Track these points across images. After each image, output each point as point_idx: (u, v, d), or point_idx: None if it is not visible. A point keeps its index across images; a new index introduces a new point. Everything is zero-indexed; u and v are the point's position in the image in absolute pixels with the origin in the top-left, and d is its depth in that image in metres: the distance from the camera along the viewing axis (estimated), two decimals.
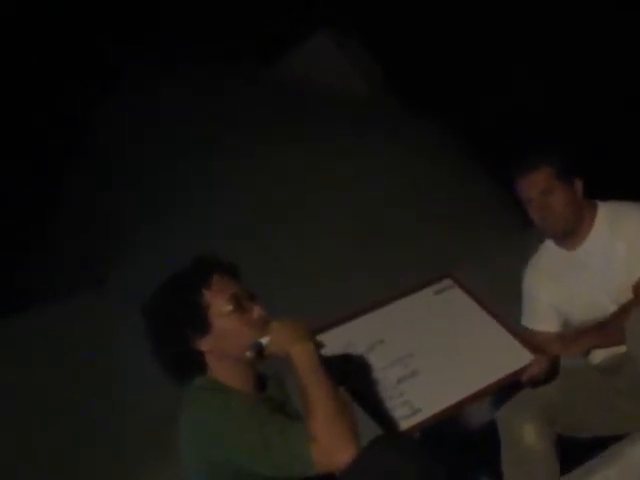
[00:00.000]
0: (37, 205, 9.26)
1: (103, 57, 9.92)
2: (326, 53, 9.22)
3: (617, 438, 3.13)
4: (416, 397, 2.68)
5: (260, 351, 2.36)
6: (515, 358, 2.96)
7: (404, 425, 2.59)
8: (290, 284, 6.68)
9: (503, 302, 3.30)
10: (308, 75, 9.02)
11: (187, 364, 2.43)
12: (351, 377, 2.68)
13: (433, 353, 2.85)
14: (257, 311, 2.43)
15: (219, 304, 2.40)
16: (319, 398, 2.22)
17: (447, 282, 3.15)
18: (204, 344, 2.41)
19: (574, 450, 3.14)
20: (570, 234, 3.29)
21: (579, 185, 3.29)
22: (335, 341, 2.74)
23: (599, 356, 3.31)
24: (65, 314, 7.23)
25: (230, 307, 2.40)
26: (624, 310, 3.12)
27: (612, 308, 3.21)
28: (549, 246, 3.41)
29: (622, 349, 3.16)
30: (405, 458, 2.14)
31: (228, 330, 2.40)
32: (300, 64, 9.18)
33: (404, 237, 7.22)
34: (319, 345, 2.45)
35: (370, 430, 2.45)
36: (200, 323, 2.40)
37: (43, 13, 9.91)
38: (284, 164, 7.82)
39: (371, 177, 7.79)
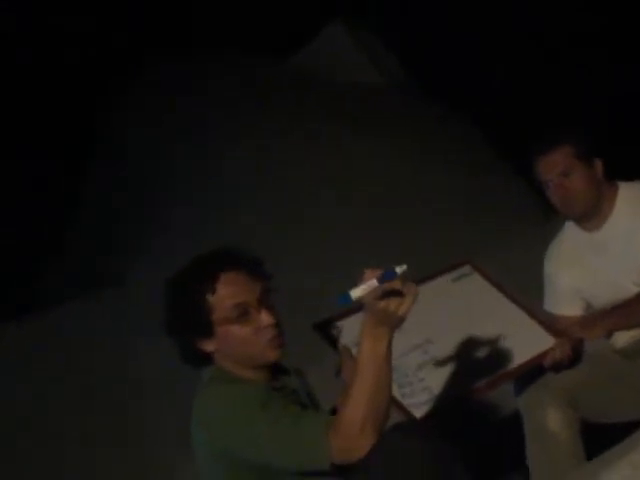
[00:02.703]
0: (53, 205, 9.28)
1: (111, 53, 9.95)
2: (341, 44, 9.19)
3: None
4: (436, 383, 2.64)
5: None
6: (537, 342, 2.92)
7: (423, 411, 2.55)
8: (301, 272, 6.66)
9: (523, 290, 3.26)
10: (323, 66, 9.00)
11: (195, 359, 2.41)
12: None
13: (453, 339, 2.81)
14: (265, 319, 2.33)
15: (223, 310, 2.33)
16: (364, 383, 2.09)
17: (466, 269, 3.11)
18: (208, 346, 2.36)
19: (599, 435, 3.09)
20: (591, 215, 3.24)
21: (599, 165, 3.24)
22: (352, 328, 2.70)
23: (622, 339, 3.26)
24: (83, 312, 7.23)
25: (233, 315, 2.33)
26: None
27: (635, 289, 3.16)
28: (570, 228, 3.36)
29: None
30: (421, 443, 2.09)
31: (230, 337, 2.34)
32: (315, 56, 9.16)
33: (421, 225, 7.18)
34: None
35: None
36: (202, 328, 2.34)
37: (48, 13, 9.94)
38: (302, 156, 7.80)
39: (388, 166, 7.76)
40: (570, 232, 3.36)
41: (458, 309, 2.94)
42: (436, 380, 2.66)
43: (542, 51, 10.10)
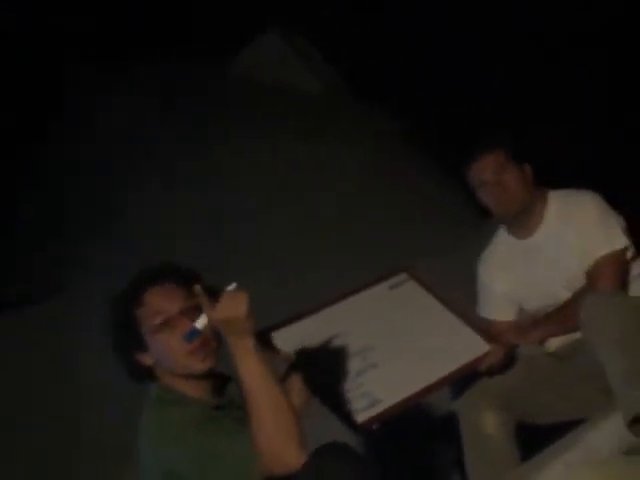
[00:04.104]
0: None
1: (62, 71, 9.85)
2: (276, 51, 9.22)
3: (576, 423, 3.16)
4: (375, 389, 2.67)
5: (198, 337, 2.35)
6: (472, 348, 2.97)
7: (363, 417, 2.59)
8: (253, 276, 6.66)
9: (462, 294, 3.32)
10: (259, 73, 9.01)
11: (138, 374, 2.48)
12: (308, 372, 2.68)
13: (391, 346, 2.85)
14: (185, 327, 2.38)
15: (147, 321, 2.42)
16: (257, 406, 2.21)
17: (402, 276, 3.15)
18: (146, 359, 2.45)
19: (534, 437, 3.16)
20: (523, 221, 3.32)
21: (529, 169, 3.33)
22: (291, 337, 2.73)
23: (555, 343, 3.34)
24: (24, 320, 7.14)
25: (156, 325, 2.41)
26: (578, 296, 3.15)
27: (566, 295, 3.24)
28: (502, 236, 3.45)
29: (577, 335, 3.19)
30: (345, 469, 2.17)
31: (156, 347, 2.42)
32: (251, 62, 9.16)
33: (359, 232, 7.22)
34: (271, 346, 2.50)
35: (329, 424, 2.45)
36: (135, 341, 2.43)
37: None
38: (238, 162, 7.81)
39: (326, 172, 7.79)
40: (503, 238, 3.44)
41: (395, 317, 2.98)
42: (375, 386, 2.69)
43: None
